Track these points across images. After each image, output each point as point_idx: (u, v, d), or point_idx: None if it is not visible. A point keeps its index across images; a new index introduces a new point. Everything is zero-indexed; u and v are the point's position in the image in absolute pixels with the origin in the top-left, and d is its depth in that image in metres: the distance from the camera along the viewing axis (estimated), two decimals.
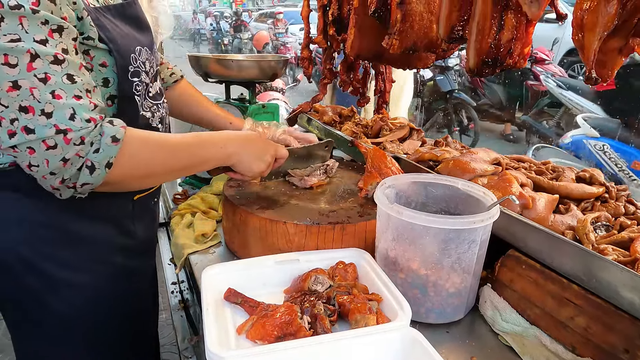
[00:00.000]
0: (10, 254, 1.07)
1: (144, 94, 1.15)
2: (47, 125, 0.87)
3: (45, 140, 0.88)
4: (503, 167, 1.36)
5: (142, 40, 1.14)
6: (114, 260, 1.19)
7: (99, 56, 1.01)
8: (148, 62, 1.15)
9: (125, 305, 1.25)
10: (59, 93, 0.88)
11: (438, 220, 0.95)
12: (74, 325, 1.16)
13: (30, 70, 0.86)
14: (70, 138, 0.88)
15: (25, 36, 0.86)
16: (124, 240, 1.21)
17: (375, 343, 0.84)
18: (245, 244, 1.25)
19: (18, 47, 0.85)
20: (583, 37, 0.92)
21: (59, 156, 0.89)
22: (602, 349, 0.88)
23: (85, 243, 1.13)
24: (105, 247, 1.17)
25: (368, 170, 1.34)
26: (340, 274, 1.04)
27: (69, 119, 0.89)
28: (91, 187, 0.95)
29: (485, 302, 1.09)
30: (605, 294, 0.88)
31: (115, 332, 1.24)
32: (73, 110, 0.89)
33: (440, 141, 1.68)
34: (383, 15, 1.39)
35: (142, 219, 1.27)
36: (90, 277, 1.14)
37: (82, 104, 0.91)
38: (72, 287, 1.12)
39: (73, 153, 0.89)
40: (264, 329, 0.86)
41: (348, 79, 2.00)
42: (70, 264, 1.11)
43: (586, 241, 0.99)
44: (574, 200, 1.21)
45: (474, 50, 1.14)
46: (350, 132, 1.85)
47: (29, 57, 0.86)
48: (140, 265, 1.31)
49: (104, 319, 1.20)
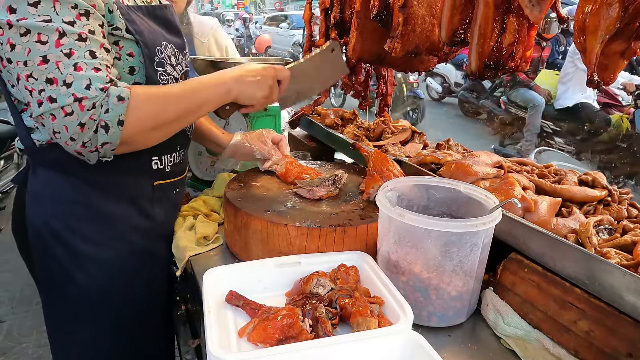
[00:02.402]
0: (43, 226, 1.19)
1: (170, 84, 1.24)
2: (67, 95, 0.98)
3: (64, 107, 0.98)
4: (505, 170, 1.36)
5: (169, 37, 1.24)
6: (134, 239, 1.28)
7: (127, 46, 1.13)
8: (174, 57, 1.25)
9: (143, 286, 1.32)
10: (80, 65, 1.00)
11: (440, 223, 0.95)
12: (97, 301, 1.24)
13: (58, 47, 0.98)
14: (84, 105, 0.98)
15: (56, 17, 0.98)
16: (144, 222, 1.30)
17: (377, 346, 0.83)
18: (246, 246, 1.25)
19: (49, 26, 0.97)
20: (585, 40, 0.92)
21: (76, 122, 0.99)
22: (605, 353, 0.87)
23: (107, 220, 1.22)
24: (126, 225, 1.26)
25: (370, 173, 1.34)
26: (342, 277, 1.04)
27: (85, 88, 0.99)
28: (112, 147, 1.05)
29: (487, 306, 1.09)
30: (608, 297, 0.88)
31: (134, 311, 1.31)
32: (89, 81, 0.99)
33: (442, 144, 1.68)
34: (385, 18, 1.39)
35: (161, 204, 1.35)
36: (111, 253, 1.23)
37: (99, 75, 1.01)
38: (94, 262, 1.22)
39: (87, 117, 0.99)
40: (265, 332, 0.86)
41: (350, 82, 2.01)
42: (93, 239, 1.21)
43: (589, 244, 0.99)
44: (576, 204, 1.21)
45: (476, 53, 1.15)
46: (352, 135, 1.86)
47: (57, 35, 0.98)
48: (158, 248, 1.38)
49: (125, 297, 1.28)
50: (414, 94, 8.18)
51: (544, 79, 6.68)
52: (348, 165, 1.72)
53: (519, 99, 6.65)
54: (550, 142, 6.10)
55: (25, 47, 0.97)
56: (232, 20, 18.70)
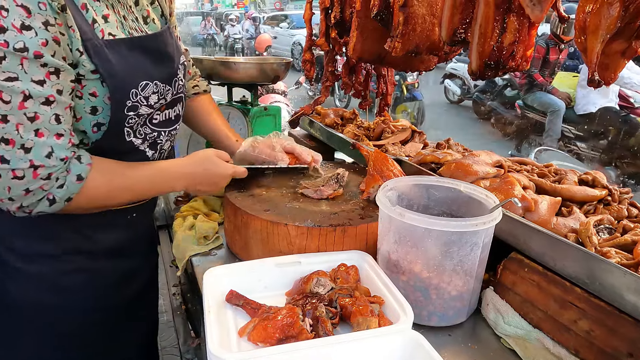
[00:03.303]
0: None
1: (145, 121, 1.17)
2: (23, 159, 0.92)
3: (15, 170, 0.92)
4: (505, 170, 1.36)
5: (153, 74, 1.13)
6: (71, 259, 1.17)
7: (90, 85, 1.02)
8: (156, 95, 1.15)
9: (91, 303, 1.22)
10: (42, 132, 0.93)
11: (440, 223, 0.95)
12: (33, 314, 1.16)
13: (20, 109, 0.90)
14: (39, 174, 0.93)
15: (24, 76, 0.90)
16: (85, 245, 1.19)
17: (377, 346, 0.83)
18: (246, 246, 1.25)
19: (14, 87, 0.89)
20: (585, 39, 0.92)
21: (23, 186, 0.93)
22: (606, 352, 0.87)
23: (40, 238, 1.13)
24: (60, 246, 1.16)
25: (370, 172, 1.34)
26: (342, 277, 1.04)
27: (46, 157, 0.94)
28: (45, 214, 1.00)
29: (487, 305, 1.09)
30: (608, 297, 0.88)
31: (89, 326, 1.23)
32: (51, 149, 0.94)
33: (442, 144, 1.68)
34: (385, 17, 1.39)
35: (109, 230, 1.23)
36: (43, 269, 1.14)
37: (60, 143, 0.96)
38: (23, 275, 1.14)
39: (37, 186, 0.94)
40: (265, 332, 0.86)
41: (350, 81, 2.01)
42: (21, 252, 1.13)
43: (589, 244, 0.99)
44: (576, 203, 1.21)
45: (477, 53, 1.14)
46: (352, 135, 1.85)
47: (22, 97, 0.90)
48: (107, 267, 1.25)
49: (69, 312, 1.19)
50: (412, 95, 8.00)
51: (561, 81, 6.39)
52: (348, 164, 1.72)
53: (536, 102, 6.38)
54: (571, 148, 5.85)
55: None
56: (235, 19, 18.51)
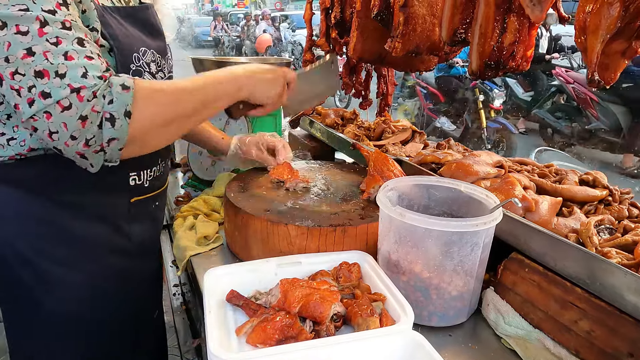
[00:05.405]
0: (6, 247, 1.07)
1: None
2: (62, 86, 0.87)
3: (60, 100, 0.87)
4: (506, 170, 1.36)
5: (149, 42, 1.14)
6: (109, 261, 1.18)
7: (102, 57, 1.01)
8: (155, 64, 1.15)
9: (122, 308, 1.22)
10: (71, 54, 0.89)
11: (440, 223, 0.95)
12: (67, 326, 1.15)
13: (42, 36, 0.87)
14: (84, 95, 0.88)
15: (33, 6, 0.87)
16: (120, 241, 1.20)
17: (377, 346, 0.83)
18: (246, 246, 1.25)
19: (27, 15, 0.86)
20: (586, 39, 0.92)
21: (75, 116, 0.88)
22: (606, 352, 0.87)
23: (80, 241, 1.12)
24: (99, 246, 1.16)
25: (370, 173, 1.34)
26: (344, 275, 1.03)
27: (82, 77, 0.89)
28: (119, 145, 0.93)
29: (488, 305, 1.08)
30: (609, 297, 0.88)
31: (111, 335, 1.22)
32: (85, 69, 0.89)
33: (442, 144, 1.68)
34: (385, 18, 1.39)
35: (139, 222, 1.24)
36: (84, 276, 1.13)
37: (93, 63, 0.91)
38: (65, 285, 1.12)
39: (89, 109, 0.88)
40: (264, 333, 0.86)
41: (350, 81, 2.01)
42: (64, 262, 1.11)
43: (589, 244, 0.99)
44: (577, 203, 1.21)
45: (477, 53, 1.14)
46: (353, 135, 1.86)
47: (38, 24, 0.87)
48: (137, 267, 1.28)
49: (99, 320, 1.19)
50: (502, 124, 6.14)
51: None
52: (348, 165, 1.72)
53: None
54: None
55: (4, 42, 0.86)
56: (239, 20, 18.14)
